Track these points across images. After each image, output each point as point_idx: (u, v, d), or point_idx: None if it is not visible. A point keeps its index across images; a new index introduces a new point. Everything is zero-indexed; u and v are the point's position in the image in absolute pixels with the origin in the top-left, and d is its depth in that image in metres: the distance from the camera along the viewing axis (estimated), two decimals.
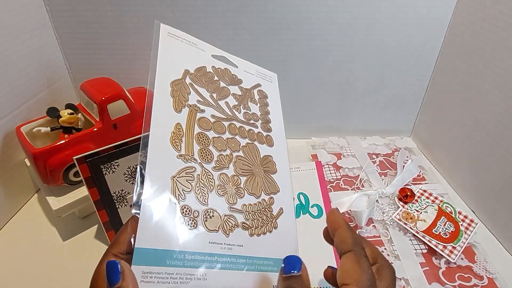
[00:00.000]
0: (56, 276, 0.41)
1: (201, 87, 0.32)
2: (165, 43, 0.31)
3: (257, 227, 0.28)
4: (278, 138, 0.34)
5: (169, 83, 0.29)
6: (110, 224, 0.43)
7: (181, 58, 0.32)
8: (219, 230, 0.26)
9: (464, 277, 0.39)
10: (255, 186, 0.30)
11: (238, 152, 0.30)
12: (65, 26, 0.54)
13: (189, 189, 0.26)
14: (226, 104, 0.32)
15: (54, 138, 0.44)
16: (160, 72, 0.29)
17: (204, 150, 0.28)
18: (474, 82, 0.49)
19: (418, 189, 0.49)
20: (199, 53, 0.34)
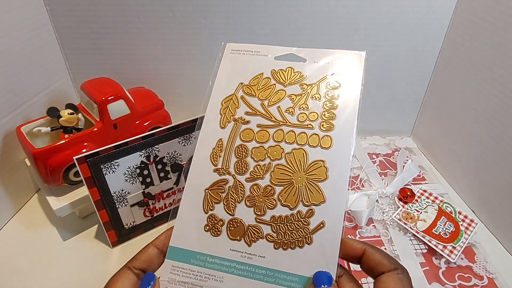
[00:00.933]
0: (56, 276, 0.41)
1: (252, 96, 0.32)
2: (226, 62, 0.34)
3: (284, 240, 0.27)
4: (340, 137, 0.30)
5: (220, 101, 0.32)
6: (110, 224, 0.43)
7: (238, 72, 0.33)
8: (241, 239, 0.27)
9: (464, 277, 0.39)
10: (291, 196, 0.29)
11: (280, 160, 0.30)
12: (65, 26, 0.54)
13: (218, 200, 0.29)
14: (278, 109, 0.32)
15: (54, 138, 0.44)
16: (215, 93, 0.33)
17: (240, 162, 0.30)
18: (474, 82, 0.49)
19: (418, 189, 0.49)
20: (260, 60, 0.34)
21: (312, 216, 0.28)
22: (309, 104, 0.32)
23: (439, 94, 0.58)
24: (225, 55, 0.34)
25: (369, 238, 0.44)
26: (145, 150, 0.42)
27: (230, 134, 0.31)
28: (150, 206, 0.46)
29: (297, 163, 0.30)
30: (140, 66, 0.58)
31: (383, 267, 0.25)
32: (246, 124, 0.31)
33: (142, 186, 0.44)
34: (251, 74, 0.33)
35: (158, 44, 0.55)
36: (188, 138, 0.45)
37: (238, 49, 0.34)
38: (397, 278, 0.24)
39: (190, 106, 0.62)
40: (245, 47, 0.35)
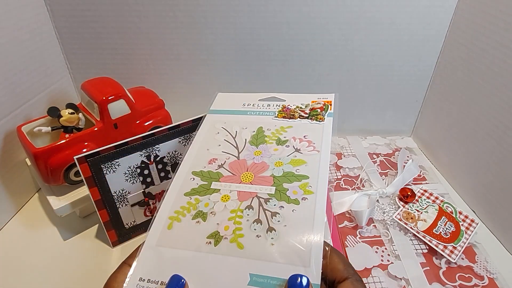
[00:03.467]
0: (57, 276, 0.41)
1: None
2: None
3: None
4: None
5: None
6: (110, 223, 0.43)
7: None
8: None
9: (464, 277, 0.39)
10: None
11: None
12: (65, 26, 0.54)
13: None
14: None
15: (55, 137, 0.44)
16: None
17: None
18: (475, 82, 0.49)
19: (419, 189, 0.49)
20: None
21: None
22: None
23: (439, 94, 0.58)
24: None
25: (369, 238, 0.44)
26: (146, 149, 0.43)
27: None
28: (151, 206, 0.46)
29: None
30: (141, 65, 0.58)
31: (338, 273, 0.25)
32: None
33: (142, 185, 0.44)
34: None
35: (158, 44, 0.55)
36: (188, 138, 0.45)
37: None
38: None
39: (191, 106, 0.62)
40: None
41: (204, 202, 0.31)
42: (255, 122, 0.40)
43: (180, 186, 0.33)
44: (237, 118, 0.41)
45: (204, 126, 0.40)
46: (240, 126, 0.40)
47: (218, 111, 0.42)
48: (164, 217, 0.30)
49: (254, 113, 0.41)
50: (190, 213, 0.30)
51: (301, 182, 0.32)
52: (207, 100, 0.62)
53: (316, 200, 0.30)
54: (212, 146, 0.37)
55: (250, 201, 0.31)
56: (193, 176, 0.34)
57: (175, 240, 0.28)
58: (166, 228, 0.29)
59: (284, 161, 0.34)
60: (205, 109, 0.46)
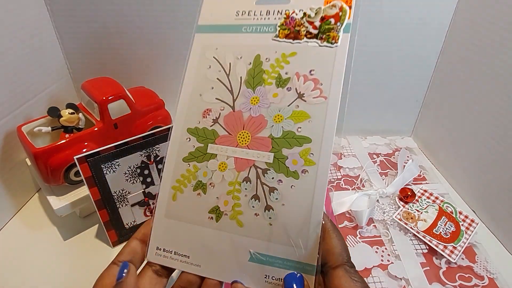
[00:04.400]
0: (57, 276, 0.41)
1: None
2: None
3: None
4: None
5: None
6: (110, 223, 0.43)
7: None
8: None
9: (464, 277, 0.39)
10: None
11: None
12: (65, 26, 0.54)
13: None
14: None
15: (55, 137, 0.44)
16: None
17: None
18: (475, 82, 0.49)
19: (419, 189, 0.49)
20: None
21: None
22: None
23: (440, 94, 0.58)
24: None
25: (369, 238, 0.44)
26: (146, 149, 0.43)
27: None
28: (151, 206, 0.46)
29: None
30: (141, 66, 0.58)
31: (332, 258, 0.25)
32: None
33: (142, 185, 0.44)
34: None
35: (158, 43, 0.55)
36: None
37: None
38: (348, 278, 0.24)
39: None
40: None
41: (202, 170, 0.30)
42: (251, 46, 0.32)
43: (177, 150, 0.31)
44: (230, 39, 0.33)
45: (194, 54, 0.35)
46: (234, 54, 0.33)
47: (207, 28, 0.35)
48: (168, 187, 0.31)
49: (250, 29, 0.33)
50: (191, 184, 0.30)
51: (302, 147, 0.28)
52: None
53: (317, 174, 0.27)
54: (205, 90, 0.32)
55: (247, 172, 0.29)
56: (189, 136, 0.32)
57: (181, 213, 0.30)
58: (171, 200, 0.30)
59: (285, 114, 0.30)
60: None
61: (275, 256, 0.27)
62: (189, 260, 0.29)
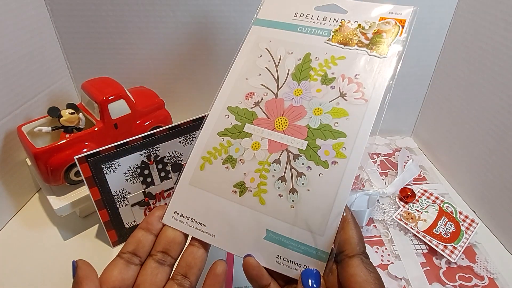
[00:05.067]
0: (57, 276, 0.41)
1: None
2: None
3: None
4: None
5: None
6: (111, 223, 0.43)
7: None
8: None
9: (464, 277, 0.39)
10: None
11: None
12: (66, 26, 0.54)
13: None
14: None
15: (55, 137, 0.44)
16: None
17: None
18: (475, 81, 0.49)
19: (419, 189, 0.49)
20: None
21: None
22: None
23: (440, 94, 0.58)
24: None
25: (369, 238, 0.44)
26: (146, 149, 0.43)
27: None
28: (151, 206, 0.46)
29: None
30: (141, 65, 0.58)
31: (349, 247, 0.25)
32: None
33: (142, 185, 0.44)
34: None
35: (158, 43, 0.55)
36: (188, 138, 0.45)
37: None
38: (364, 268, 0.24)
39: (191, 106, 0.62)
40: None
41: (235, 146, 0.31)
42: (304, 44, 0.34)
43: (214, 123, 0.33)
44: (285, 35, 0.35)
45: (248, 43, 0.36)
46: (286, 49, 0.35)
47: (265, 22, 0.37)
48: (198, 156, 0.31)
49: (305, 30, 0.35)
50: (221, 157, 0.31)
51: (336, 140, 0.29)
52: (207, 100, 0.62)
53: (347, 167, 0.28)
54: (252, 75, 0.34)
55: (279, 155, 0.30)
56: (228, 113, 0.33)
57: (205, 182, 0.30)
58: (199, 168, 0.31)
59: (325, 108, 0.31)
60: (206, 109, 0.46)
61: (291, 238, 0.27)
62: (205, 228, 0.29)
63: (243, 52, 0.36)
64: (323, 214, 0.27)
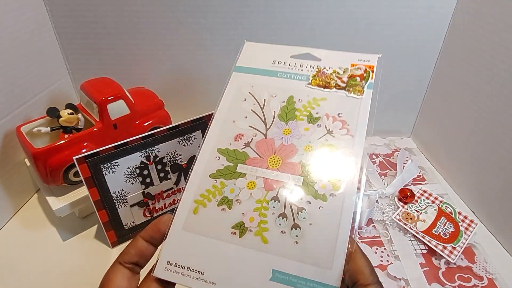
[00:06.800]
0: (56, 276, 0.41)
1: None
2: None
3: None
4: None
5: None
6: (110, 224, 0.43)
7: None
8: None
9: (464, 277, 0.39)
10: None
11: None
12: (65, 26, 0.54)
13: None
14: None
15: (54, 138, 0.44)
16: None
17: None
18: (474, 82, 0.49)
19: (418, 190, 0.49)
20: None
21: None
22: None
23: (439, 94, 0.58)
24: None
25: (369, 239, 0.44)
26: (145, 150, 0.42)
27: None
28: (150, 206, 0.46)
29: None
30: (140, 66, 0.58)
31: (362, 277, 0.24)
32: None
33: (142, 186, 0.44)
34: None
35: (158, 44, 0.55)
36: (188, 138, 0.45)
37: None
38: None
39: (190, 106, 0.62)
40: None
41: (229, 187, 0.31)
42: (285, 88, 0.36)
43: (205, 166, 0.32)
44: (266, 80, 0.37)
45: (231, 89, 0.37)
46: (269, 92, 0.36)
47: (245, 69, 0.38)
48: (190, 200, 0.30)
49: (285, 76, 0.37)
50: (216, 199, 0.30)
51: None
52: (206, 101, 0.62)
53: (345, 198, 0.29)
54: (239, 118, 0.35)
55: (276, 192, 0.30)
56: (219, 155, 0.32)
57: (201, 226, 0.29)
58: (192, 213, 0.30)
59: (314, 145, 0.32)
60: (205, 110, 0.46)
61: (299, 276, 0.26)
62: (204, 277, 0.27)
63: (226, 97, 0.36)
64: (328, 246, 0.27)
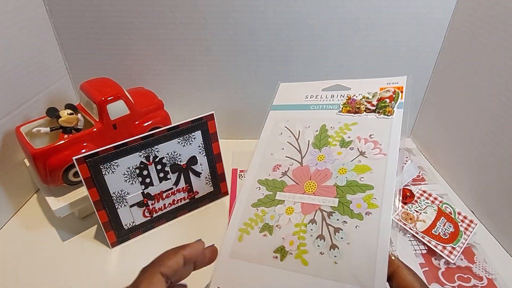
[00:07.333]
0: (56, 277, 0.41)
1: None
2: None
3: None
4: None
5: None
6: (109, 224, 0.43)
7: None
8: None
9: (463, 277, 0.39)
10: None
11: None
12: (65, 26, 0.54)
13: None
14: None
15: (54, 138, 0.44)
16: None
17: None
18: (474, 82, 0.49)
19: (418, 190, 0.49)
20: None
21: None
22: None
23: (438, 94, 0.58)
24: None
25: None
26: (145, 150, 0.42)
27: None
28: (150, 207, 0.46)
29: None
30: (140, 66, 0.58)
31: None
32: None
33: (141, 186, 0.44)
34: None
35: (157, 44, 0.55)
36: (187, 138, 0.45)
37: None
38: None
39: (190, 107, 0.62)
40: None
41: (270, 214, 0.33)
42: (318, 118, 0.39)
43: (247, 197, 0.35)
44: (299, 114, 0.40)
45: (268, 125, 0.40)
46: (303, 124, 0.39)
47: (281, 107, 0.42)
48: (235, 229, 0.33)
49: (317, 107, 0.40)
50: (258, 226, 0.32)
51: (366, 193, 0.31)
52: (206, 101, 0.62)
53: (381, 215, 0.29)
54: (276, 150, 0.38)
55: (313, 215, 0.31)
56: (259, 186, 0.35)
57: (245, 253, 0.31)
58: (237, 240, 0.32)
59: (348, 167, 0.33)
60: (205, 110, 0.46)
61: None
62: None
63: (265, 133, 0.40)
64: (368, 265, 0.27)
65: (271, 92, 0.44)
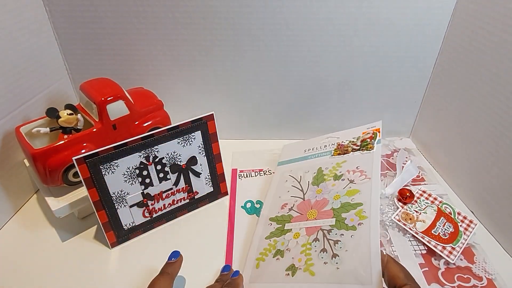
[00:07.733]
0: (56, 277, 0.41)
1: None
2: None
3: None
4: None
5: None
6: (109, 224, 0.43)
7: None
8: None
9: (463, 277, 0.39)
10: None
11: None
12: (64, 27, 0.54)
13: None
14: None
15: (54, 138, 0.44)
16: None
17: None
18: (473, 82, 0.49)
19: (418, 190, 0.49)
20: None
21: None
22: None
23: (438, 95, 0.58)
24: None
25: None
26: (145, 150, 0.42)
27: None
28: (149, 207, 0.46)
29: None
30: (140, 66, 0.58)
31: (398, 280, 0.29)
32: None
33: (141, 186, 0.44)
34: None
35: (157, 44, 0.55)
36: (187, 139, 0.45)
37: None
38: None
39: (190, 107, 0.62)
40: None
41: (280, 241, 0.40)
42: (315, 164, 0.49)
43: (261, 232, 0.43)
44: (300, 164, 0.51)
45: (276, 177, 0.52)
46: (303, 170, 0.49)
47: (285, 162, 0.54)
48: (253, 259, 0.40)
49: (314, 156, 0.51)
50: (271, 253, 0.39)
51: (356, 209, 0.38)
52: (206, 101, 0.62)
53: (371, 223, 0.35)
54: (283, 193, 0.47)
55: (316, 234, 0.38)
56: (271, 222, 0.44)
57: (262, 276, 0.37)
58: (255, 268, 0.38)
59: (341, 193, 0.41)
60: (205, 110, 0.46)
61: None
62: None
63: (273, 182, 0.51)
64: (365, 264, 0.32)
65: (271, 92, 0.44)
